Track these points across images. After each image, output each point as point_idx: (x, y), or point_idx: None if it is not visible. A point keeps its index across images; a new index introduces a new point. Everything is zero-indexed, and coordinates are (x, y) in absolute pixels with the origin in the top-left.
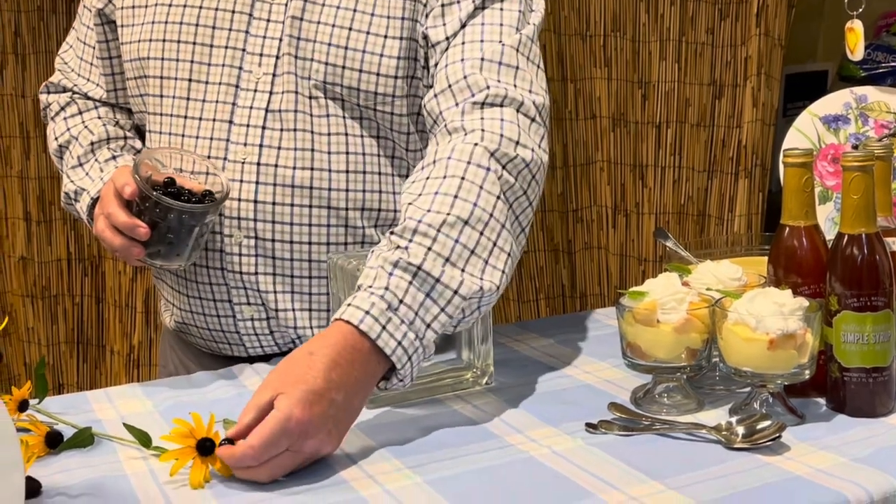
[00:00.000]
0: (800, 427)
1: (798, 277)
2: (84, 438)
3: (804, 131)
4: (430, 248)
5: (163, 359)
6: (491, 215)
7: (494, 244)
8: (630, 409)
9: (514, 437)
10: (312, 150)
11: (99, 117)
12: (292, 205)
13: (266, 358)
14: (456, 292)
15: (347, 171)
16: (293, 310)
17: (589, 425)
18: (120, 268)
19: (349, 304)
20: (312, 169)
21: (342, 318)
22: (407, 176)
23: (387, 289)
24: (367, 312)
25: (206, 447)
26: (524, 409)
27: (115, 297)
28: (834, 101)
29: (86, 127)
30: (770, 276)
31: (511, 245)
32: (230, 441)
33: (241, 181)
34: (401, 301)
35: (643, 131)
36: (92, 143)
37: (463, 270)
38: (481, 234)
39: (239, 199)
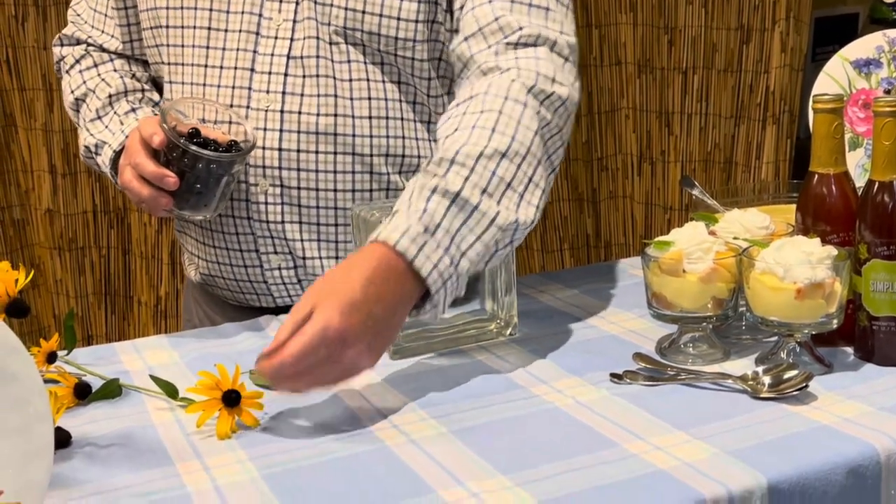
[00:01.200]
0: (827, 376)
1: (827, 225)
2: (112, 390)
3: (834, 76)
4: (467, 178)
5: (187, 313)
6: (528, 150)
7: (530, 179)
8: (655, 359)
9: (538, 387)
10: (335, 95)
11: (115, 70)
12: (317, 152)
13: None
14: (493, 222)
15: (370, 117)
16: (320, 258)
17: (614, 375)
18: (146, 220)
19: (385, 226)
20: (336, 115)
21: (378, 239)
22: (429, 122)
23: (424, 211)
24: (405, 233)
25: (231, 399)
26: (548, 359)
27: (142, 248)
28: (866, 45)
29: (102, 79)
30: (798, 224)
31: (545, 182)
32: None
33: (265, 129)
34: (438, 225)
35: (669, 77)
36: (110, 96)
37: (499, 203)
38: (518, 167)
39: (263, 148)
